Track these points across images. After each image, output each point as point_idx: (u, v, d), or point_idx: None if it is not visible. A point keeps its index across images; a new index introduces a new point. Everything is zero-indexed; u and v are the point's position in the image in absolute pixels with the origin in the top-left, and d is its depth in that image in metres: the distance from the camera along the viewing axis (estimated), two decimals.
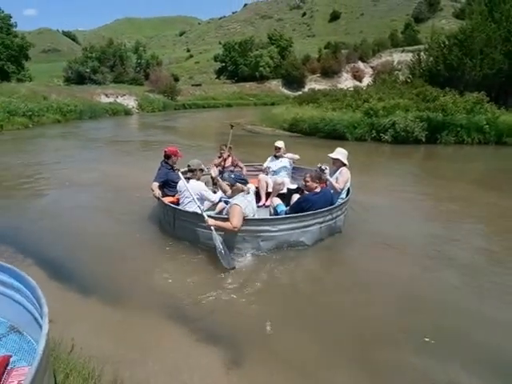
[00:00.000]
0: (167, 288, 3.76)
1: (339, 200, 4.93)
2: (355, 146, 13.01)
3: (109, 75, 41.21)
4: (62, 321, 2.87)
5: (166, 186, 5.33)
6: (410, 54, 24.45)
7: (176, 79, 46.22)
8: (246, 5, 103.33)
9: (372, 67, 54.00)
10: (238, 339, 3.01)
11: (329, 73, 50.95)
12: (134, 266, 4.25)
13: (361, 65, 55.53)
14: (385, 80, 19.18)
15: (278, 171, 5.92)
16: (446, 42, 16.76)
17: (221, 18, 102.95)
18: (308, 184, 4.66)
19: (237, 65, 52.23)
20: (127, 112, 31.04)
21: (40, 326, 1.91)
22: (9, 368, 1.86)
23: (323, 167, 4.95)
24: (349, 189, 5.15)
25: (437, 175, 8.91)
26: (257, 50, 51.53)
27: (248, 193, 4.43)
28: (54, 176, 9.09)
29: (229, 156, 6.18)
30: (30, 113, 20.95)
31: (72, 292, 3.67)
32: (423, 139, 12.52)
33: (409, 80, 18.18)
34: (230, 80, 52.84)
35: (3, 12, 35.19)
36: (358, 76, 52.33)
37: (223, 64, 54.70)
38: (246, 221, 4.23)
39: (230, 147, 6.25)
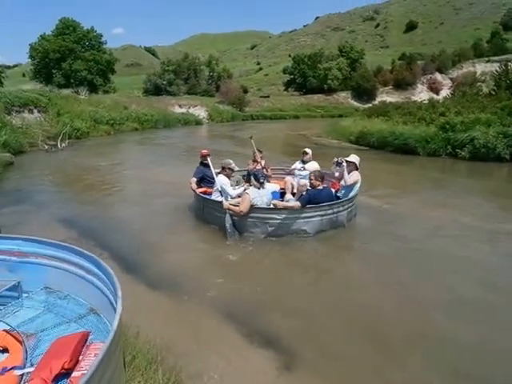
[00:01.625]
0: (218, 282, 4.09)
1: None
2: (427, 161, 12.41)
3: (183, 87, 43.68)
4: (131, 309, 3.11)
5: (202, 181, 6.30)
6: (496, 65, 22.62)
7: (245, 91, 47.57)
8: (317, 18, 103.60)
9: (451, 79, 50.73)
10: (290, 342, 3.04)
11: (402, 85, 48.85)
12: (188, 257, 4.75)
13: (438, 76, 52.48)
14: (465, 92, 17.92)
15: (305, 176, 6.46)
16: None
17: (291, 32, 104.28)
18: (312, 182, 5.43)
19: (305, 77, 52.36)
20: (198, 122, 32.68)
21: (114, 309, 2.12)
22: (88, 343, 2.09)
23: (340, 160, 5.87)
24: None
25: None
26: (326, 62, 51.26)
27: (263, 188, 5.33)
28: (125, 175, 10.38)
29: (258, 162, 6.85)
30: (113, 121, 23.10)
31: (139, 284, 4.01)
32: (507, 157, 11.32)
33: (493, 92, 16.72)
34: (298, 92, 53.08)
35: (95, 31, 39.29)
36: (434, 88, 49.47)
37: (292, 76, 55.11)
38: (257, 209, 5.10)
39: (261, 151, 6.97)
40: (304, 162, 6.71)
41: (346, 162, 5.87)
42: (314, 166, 6.62)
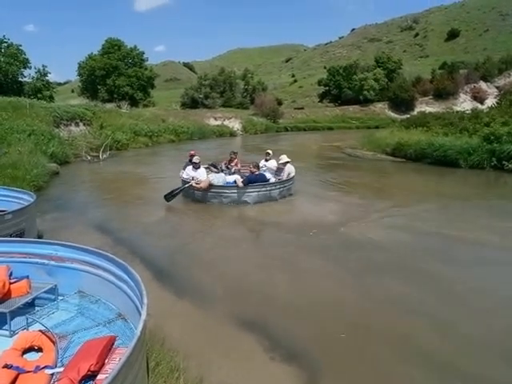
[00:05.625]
0: (244, 290, 4.12)
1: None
2: (470, 174, 11.89)
3: (218, 100, 44.62)
4: (159, 316, 3.19)
5: None
6: None
7: (279, 103, 47.81)
8: (353, 29, 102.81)
9: (497, 87, 48.36)
10: (315, 357, 2.99)
11: (443, 94, 47.09)
12: (215, 265, 4.92)
13: (483, 85, 50.20)
14: None
15: (265, 170, 8.60)
16: None
17: (327, 44, 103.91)
18: (251, 169, 8.14)
19: (340, 88, 51.91)
20: (232, 133, 33.27)
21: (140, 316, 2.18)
22: (114, 347, 2.15)
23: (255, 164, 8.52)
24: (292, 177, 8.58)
25: None
26: (362, 73, 50.60)
27: (219, 173, 8.42)
28: (159, 184, 10.85)
29: (233, 160, 9.41)
30: (151, 133, 23.98)
31: (169, 291, 4.09)
32: None
33: None
34: (333, 103, 52.67)
35: (138, 49, 41.26)
36: (478, 97, 47.26)
37: (327, 88, 54.83)
38: (215, 186, 7.73)
39: (236, 153, 9.67)
40: (266, 161, 8.94)
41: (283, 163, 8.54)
42: (273, 163, 8.94)
